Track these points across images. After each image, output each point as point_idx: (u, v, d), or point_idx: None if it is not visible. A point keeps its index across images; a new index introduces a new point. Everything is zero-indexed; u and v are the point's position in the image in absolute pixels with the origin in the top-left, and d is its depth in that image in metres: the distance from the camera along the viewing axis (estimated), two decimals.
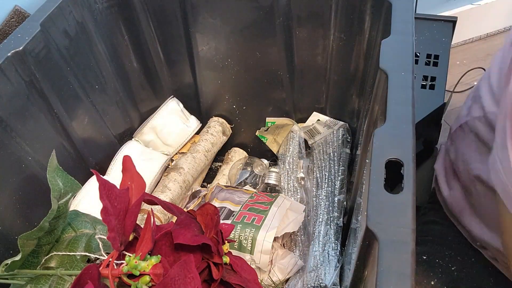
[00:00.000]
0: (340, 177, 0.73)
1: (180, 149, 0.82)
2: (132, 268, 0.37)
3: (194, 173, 0.79)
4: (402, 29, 0.52)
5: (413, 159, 0.39)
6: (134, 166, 0.43)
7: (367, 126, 0.59)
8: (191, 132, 0.82)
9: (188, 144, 0.83)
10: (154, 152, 0.80)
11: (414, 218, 0.35)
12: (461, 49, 1.47)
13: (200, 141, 0.82)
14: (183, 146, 0.82)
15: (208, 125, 0.85)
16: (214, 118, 0.86)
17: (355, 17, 0.66)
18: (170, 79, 0.82)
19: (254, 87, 0.80)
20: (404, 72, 0.47)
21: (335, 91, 0.77)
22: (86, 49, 0.68)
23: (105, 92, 0.74)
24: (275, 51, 0.73)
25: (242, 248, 0.62)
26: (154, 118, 0.81)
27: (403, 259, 0.33)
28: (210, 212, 0.44)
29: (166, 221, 0.72)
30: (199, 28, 0.73)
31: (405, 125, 0.42)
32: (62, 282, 0.43)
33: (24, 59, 0.56)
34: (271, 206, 0.66)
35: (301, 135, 0.79)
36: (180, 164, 0.78)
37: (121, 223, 0.39)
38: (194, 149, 0.81)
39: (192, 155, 0.80)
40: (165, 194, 0.73)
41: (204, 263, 0.41)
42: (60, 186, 0.44)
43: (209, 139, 0.83)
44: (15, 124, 0.56)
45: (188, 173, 0.77)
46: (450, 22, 0.97)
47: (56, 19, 0.62)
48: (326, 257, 0.62)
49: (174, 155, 0.82)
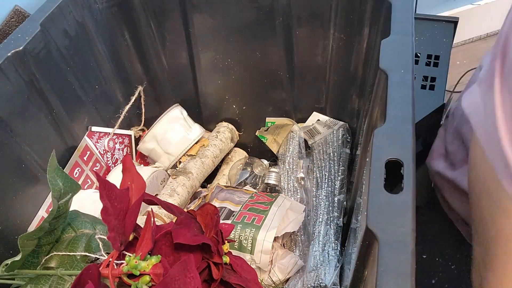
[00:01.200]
0: (340, 177, 0.73)
1: (186, 152, 0.81)
2: (132, 268, 0.37)
3: (201, 179, 0.79)
4: (402, 29, 0.52)
5: (413, 159, 0.39)
6: (134, 166, 0.43)
7: (367, 126, 0.59)
8: (191, 141, 0.82)
9: (197, 146, 0.82)
10: (143, 167, 0.79)
11: (414, 218, 0.35)
12: (461, 49, 1.47)
13: (209, 146, 0.82)
14: (189, 149, 0.82)
15: (217, 130, 0.85)
16: (224, 123, 0.86)
17: (355, 17, 0.66)
18: (170, 79, 0.82)
19: (254, 87, 0.80)
20: (404, 72, 0.47)
21: (335, 91, 0.77)
22: (86, 49, 0.68)
23: (105, 92, 0.74)
24: (275, 51, 0.73)
25: (242, 248, 0.62)
26: (155, 127, 0.80)
27: (403, 259, 0.33)
28: (210, 212, 0.44)
29: None
30: (199, 28, 0.73)
31: (405, 125, 0.42)
32: (62, 282, 0.43)
33: (24, 59, 0.56)
34: (271, 206, 0.66)
35: (301, 135, 0.79)
36: (189, 168, 0.78)
37: (121, 223, 0.39)
38: (203, 154, 0.81)
39: (201, 160, 0.79)
40: (173, 198, 0.72)
41: (204, 263, 0.41)
42: (60, 186, 0.44)
43: (218, 145, 0.82)
44: (15, 124, 0.56)
45: (196, 178, 0.77)
46: (451, 23, 0.97)
47: (56, 19, 0.62)
48: (326, 257, 0.62)
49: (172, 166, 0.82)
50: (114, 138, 0.77)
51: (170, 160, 0.81)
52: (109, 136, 0.75)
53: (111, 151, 0.77)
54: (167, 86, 0.83)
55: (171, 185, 0.75)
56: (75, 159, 0.68)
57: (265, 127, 0.84)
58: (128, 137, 0.81)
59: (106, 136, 0.75)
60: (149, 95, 0.82)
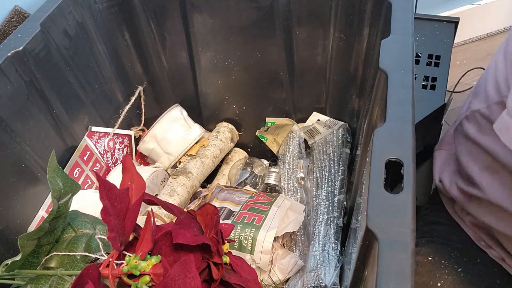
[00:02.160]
0: (340, 177, 0.73)
1: (186, 152, 0.81)
2: (132, 268, 0.37)
3: (201, 179, 0.79)
4: (402, 29, 0.52)
5: (413, 159, 0.39)
6: (134, 166, 0.43)
7: (367, 126, 0.59)
8: (191, 141, 0.82)
9: (197, 146, 0.82)
10: (143, 167, 0.79)
11: (414, 218, 0.35)
12: (461, 49, 1.47)
13: (209, 146, 0.82)
14: (189, 149, 0.82)
15: (217, 130, 0.85)
16: (224, 123, 0.86)
17: (355, 17, 0.66)
18: (170, 79, 0.82)
19: (254, 87, 0.80)
20: (404, 72, 0.47)
21: (335, 91, 0.77)
22: (86, 49, 0.68)
23: (105, 92, 0.74)
24: (275, 51, 0.73)
25: (242, 248, 0.62)
26: (155, 127, 0.80)
27: (403, 259, 0.33)
28: (210, 212, 0.44)
29: None
30: (199, 28, 0.73)
31: (405, 125, 0.42)
32: (62, 282, 0.43)
33: (24, 59, 0.56)
34: (271, 206, 0.66)
35: (301, 135, 0.79)
36: (189, 169, 0.77)
37: (121, 223, 0.39)
38: (203, 154, 0.81)
39: (201, 160, 0.79)
40: (173, 198, 0.72)
41: (204, 263, 0.41)
42: (60, 186, 0.44)
43: (218, 145, 0.82)
44: (15, 124, 0.56)
45: (196, 178, 0.77)
46: (452, 23, 0.97)
47: (56, 19, 0.62)
48: (326, 257, 0.62)
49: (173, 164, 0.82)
50: (114, 138, 0.77)
51: (170, 160, 0.81)
52: (109, 136, 0.75)
53: (111, 151, 0.77)
54: (167, 86, 0.83)
55: (171, 185, 0.74)
56: (75, 159, 0.68)
57: (265, 127, 0.84)
58: (128, 137, 0.81)
59: (106, 136, 0.75)
60: (149, 95, 0.82)
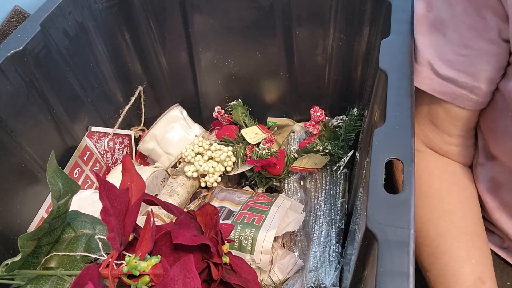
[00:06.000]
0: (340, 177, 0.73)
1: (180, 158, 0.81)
2: (132, 268, 0.37)
3: None
4: (401, 29, 0.52)
5: (413, 159, 0.39)
6: (134, 166, 0.43)
7: (367, 126, 0.59)
8: (191, 141, 0.81)
9: None
10: (143, 167, 0.79)
11: (414, 218, 0.35)
12: None
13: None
14: None
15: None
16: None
17: (355, 17, 0.66)
18: (170, 79, 0.82)
19: (254, 87, 0.80)
20: (404, 72, 0.47)
21: (335, 91, 0.77)
22: (86, 49, 0.68)
23: (105, 92, 0.74)
24: (275, 51, 0.73)
25: (242, 248, 0.62)
26: (155, 127, 0.80)
27: (403, 259, 0.33)
28: (210, 212, 0.44)
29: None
30: (199, 28, 0.73)
31: (405, 125, 0.41)
32: (62, 282, 0.43)
33: (24, 59, 0.56)
34: (271, 206, 0.66)
35: (302, 135, 0.79)
36: None
37: (121, 223, 0.39)
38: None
39: None
40: (173, 198, 0.72)
41: (204, 263, 0.41)
42: (60, 186, 0.44)
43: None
44: (15, 124, 0.56)
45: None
46: None
47: (56, 19, 0.62)
48: (326, 258, 0.62)
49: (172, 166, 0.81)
50: (114, 138, 0.77)
51: (170, 160, 0.81)
52: (109, 136, 0.75)
53: (111, 151, 0.77)
54: (167, 86, 0.83)
55: (171, 185, 0.74)
56: (75, 159, 0.68)
57: (266, 126, 0.84)
58: (128, 137, 0.81)
59: (106, 136, 0.75)
60: (149, 95, 0.82)
